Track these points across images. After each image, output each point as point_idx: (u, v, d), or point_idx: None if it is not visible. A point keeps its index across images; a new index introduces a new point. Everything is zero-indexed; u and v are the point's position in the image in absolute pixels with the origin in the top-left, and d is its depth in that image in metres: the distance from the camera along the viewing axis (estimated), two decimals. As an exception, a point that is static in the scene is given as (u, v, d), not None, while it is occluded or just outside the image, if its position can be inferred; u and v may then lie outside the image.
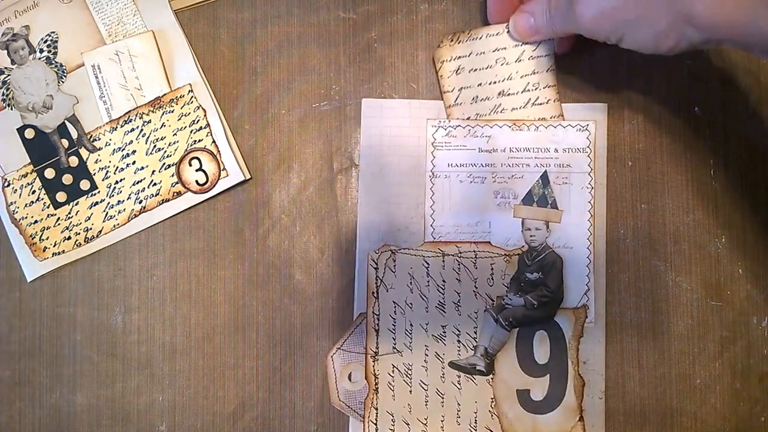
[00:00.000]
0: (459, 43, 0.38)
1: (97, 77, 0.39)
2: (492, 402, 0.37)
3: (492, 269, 0.37)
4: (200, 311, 0.39)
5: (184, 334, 0.39)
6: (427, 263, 0.38)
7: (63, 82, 0.39)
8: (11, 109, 0.39)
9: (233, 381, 0.38)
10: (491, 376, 0.37)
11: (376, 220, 0.38)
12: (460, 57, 0.38)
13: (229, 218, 0.39)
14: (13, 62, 0.39)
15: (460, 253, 0.38)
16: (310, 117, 0.39)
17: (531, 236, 0.38)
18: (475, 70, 0.38)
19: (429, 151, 0.38)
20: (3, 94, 0.39)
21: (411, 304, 0.37)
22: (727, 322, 0.39)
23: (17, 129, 0.39)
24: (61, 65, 0.39)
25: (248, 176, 0.39)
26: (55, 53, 0.39)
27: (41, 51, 0.39)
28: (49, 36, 0.39)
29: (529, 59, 0.38)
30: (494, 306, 0.38)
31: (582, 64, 0.39)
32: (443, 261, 0.37)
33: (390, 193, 0.38)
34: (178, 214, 0.39)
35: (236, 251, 0.39)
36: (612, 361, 0.38)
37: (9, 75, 0.39)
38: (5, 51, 0.39)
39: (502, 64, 0.38)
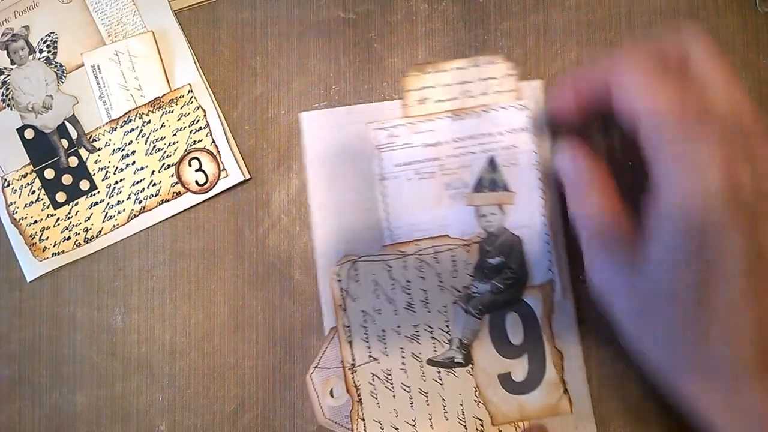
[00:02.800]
0: (425, 74, 0.38)
1: (96, 77, 0.39)
2: (476, 391, 0.37)
3: (454, 261, 0.37)
4: (200, 311, 0.39)
5: (184, 334, 0.39)
6: (390, 266, 0.38)
7: (63, 82, 0.39)
8: (11, 109, 0.39)
9: (233, 381, 0.38)
10: (470, 366, 0.37)
11: (331, 233, 0.38)
12: (425, 87, 0.38)
13: (229, 218, 0.39)
14: (12, 62, 0.39)
15: (420, 250, 0.38)
16: (309, 117, 0.39)
17: (487, 222, 0.38)
18: (440, 101, 0.38)
19: (375, 154, 0.38)
20: (2, 95, 0.39)
21: (379, 310, 0.37)
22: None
23: (17, 129, 0.39)
24: (61, 65, 0.39)
25: (248, 176, 0.39)
26: (55, 53, 0.39)
27: (41, 51, 0.39)
28: (49, 36, 0.39)
29: (494, 93, 0.38)
30: (462, 297, 0.38)
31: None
32: (405, 261, 0.37)
33: (342, 202, 0.38)
34: (177, 214, 0.39)
35: (236, 251, 0.39)
36: (607, 358, 0.38)
37: (8, 75, 0.39)
38: (5, 51, 0.39)
39: (468, 97, 0.38)
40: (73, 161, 0.39)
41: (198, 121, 0.39)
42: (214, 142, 0.39)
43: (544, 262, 0.38)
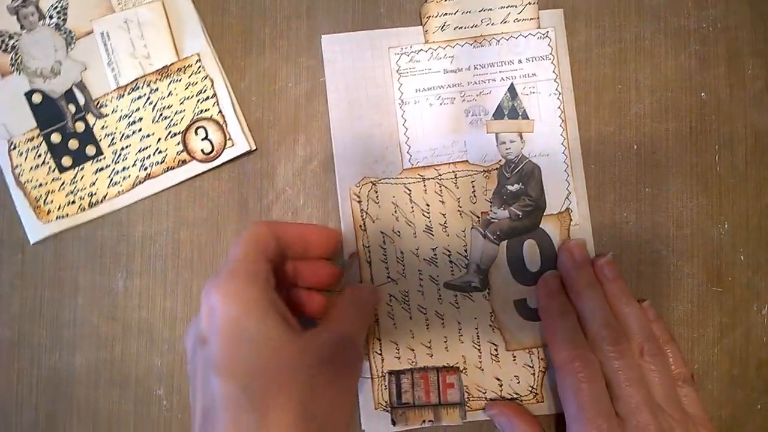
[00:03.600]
0: (446, 0, 0.38)
1: (105, 45, 0.39)
2: (491, 316, 0.38)
3: (473, 187, 0.38)
4: (202, 279, 0.39)
5: (185, 302, 0.39)
6: (409, 190, 0.38)
7: (72, 48, 0.39)
8: (19, 73, 0.39)
9: (232, 350, 0.38)
10: (487, 291, 0.38)
11: (351, 155, 0.38)
12: (446, 14, 0.38)
13: (234, 188, 0.39)
14: (22, 27, 0.39)
15: (440, 175, 0.38)
16: (317, 90, 0.39)
17: (507, 149, 0.38)
18: (460, 28, 0.38)
19: (395, 79, 0.38)
20: (12, 59, 0.39)
21: (399, 232, 0.38)
22: (728, 308, 0.38)
23: (25, 93, 0.39)
24: (71, 32, 0.39)
25: (254, 147, 0.39)
26: (65, 20, 0.39)
27: (51, 17, 0.39)
28: (59, 3, 0.39)
29: (514, 21, 0.38)
30: (480, 222, 0.38)
31: (590, 56, 0.39)
32: (424, 185, 0.38)
33: (362, 126, 0.38)
34: (182, 182, 0.39)
35: (239, 221, 0.39)
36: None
37: (18, 40, 0.39)
38: (15, 16, 0.39)
39: (487, 25, 0.38)
40: (80, 126, 0.39)
41: (205, 90, 0.39)
42: (221, 111, 0.39)
43: (562, 191, 0.38)
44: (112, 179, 0.39)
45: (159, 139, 0.39)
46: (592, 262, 0.37)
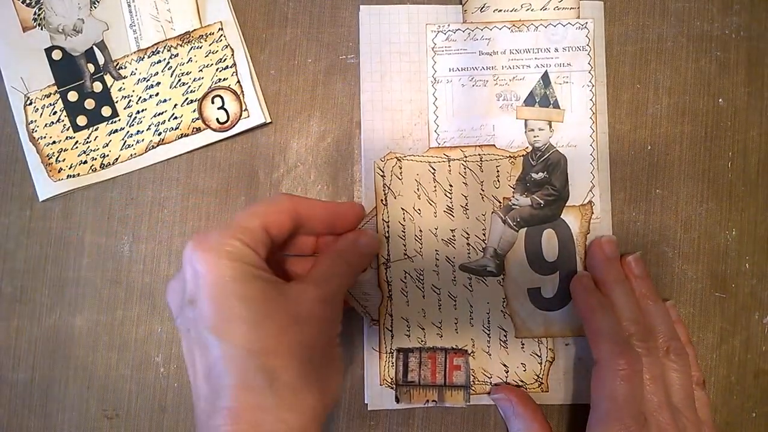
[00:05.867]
0: None
1: (129, 6, 0.39)
2: (504, 302, 0.38)
3: (498, 171, 0.38)
4: (207, 248, 0.39)
5: (189, 269, 0.39)
6: (433, 169, 0.38)
7: (95, 7, 0.39)
8: (41, 29, 0.39)
9: (233, 321, 0.38)
10: (502, 276, 0.38)
11: (379, 128, 0.38)
12: None
13: (245, 160, 0.39)
14: (47, -17, 0.39)
15: (466, 157, 0.38)
16: (336, 68, 0.39)
17: (534, 137, 0.38)
18: (500, 11, 0.38)
19: (430, 56, 0.38)
20: (35, 14, 0.39)
21: (419, 210, 0.38)
22: (729, 315, 0.39)
23: (45, 49, 0.39)
24: (95, -9, 0.39)
25: (269, 120, 0.39)
26: (90, -21, 0.39)
27: (76, -24, 0.39)
28: (86, -39, 0.39)
29: (554, 9, 0.38)
30: (501, 207, 0.38)
31: (612, 53, 0.39)
32: (449, 166, 0.38)
33: (393, 100, 0.38)
34: (195, 150, 0.39)
35: (249, 193, 0.39)
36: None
37: (42, -4, 0.39)
38: (40, -28, 0.39)
39: (527, 10, 0.38)
40: (98, 86, 0.39)
41: (225, 59, 0.39)
42: (239, 81, 0.39)
43: (586, 183, 0.38)
44: (125, 142, 0.39)
45: (175, 105, 0.39)
46: (620, 258, 0.37)
